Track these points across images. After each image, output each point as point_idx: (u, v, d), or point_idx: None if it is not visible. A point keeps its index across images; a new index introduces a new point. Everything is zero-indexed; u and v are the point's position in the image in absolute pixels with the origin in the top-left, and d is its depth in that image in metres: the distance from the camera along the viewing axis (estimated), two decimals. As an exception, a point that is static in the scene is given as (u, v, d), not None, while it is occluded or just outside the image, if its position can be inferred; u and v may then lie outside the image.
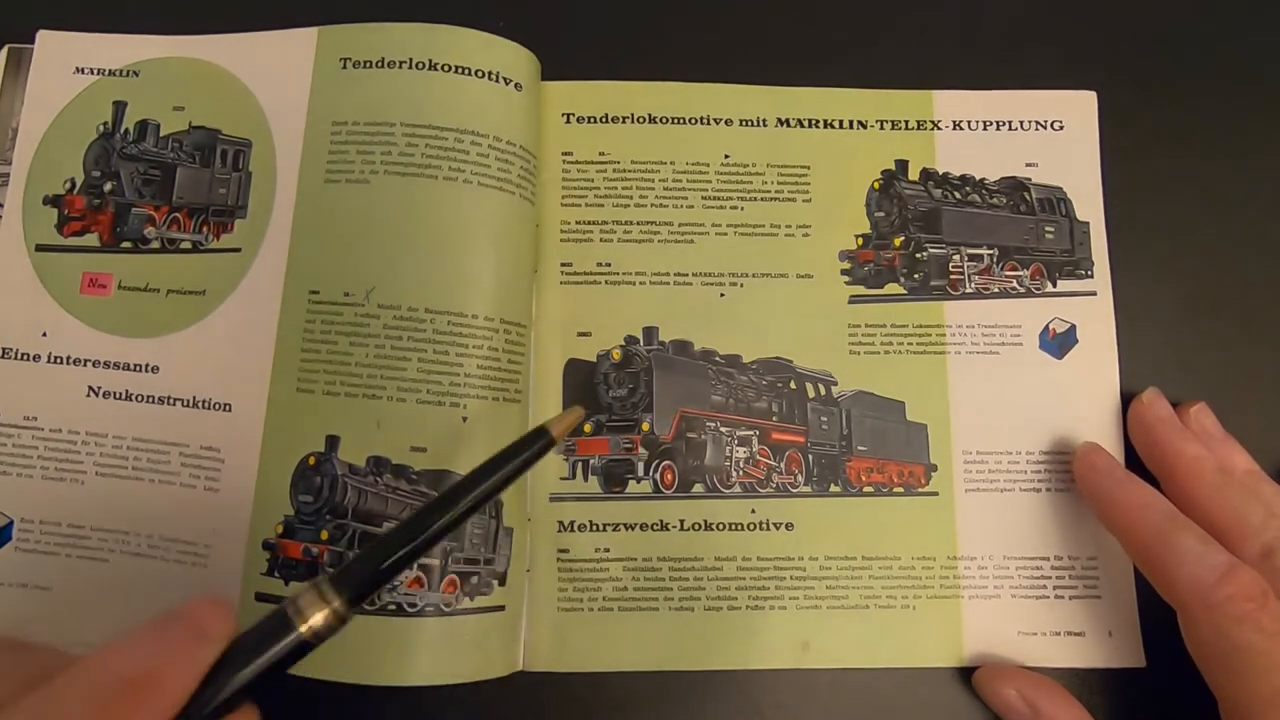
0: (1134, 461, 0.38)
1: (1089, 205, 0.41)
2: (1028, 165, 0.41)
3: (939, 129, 0.42)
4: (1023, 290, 0.40)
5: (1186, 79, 0.43)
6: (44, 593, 0.36)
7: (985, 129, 0.42)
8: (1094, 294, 0.40)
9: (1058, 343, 0.40)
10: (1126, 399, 0.39)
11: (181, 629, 0.23)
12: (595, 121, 0.41)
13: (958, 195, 0.41)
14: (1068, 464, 0.38)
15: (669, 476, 0.38)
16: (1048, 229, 0.41)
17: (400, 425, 0.35)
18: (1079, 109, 0.42)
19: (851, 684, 0.37)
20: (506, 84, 0.39)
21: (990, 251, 0.41)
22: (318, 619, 0.24)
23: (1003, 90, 0.42)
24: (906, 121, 0.42)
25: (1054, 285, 0.40)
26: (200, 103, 0.40)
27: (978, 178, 0.41)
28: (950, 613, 0.37)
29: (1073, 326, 0.40)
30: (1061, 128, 0.42)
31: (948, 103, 0.42)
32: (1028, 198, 0.41)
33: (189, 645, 0.23)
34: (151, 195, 0.40)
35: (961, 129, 0.42)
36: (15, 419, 0.37)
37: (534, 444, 0.28)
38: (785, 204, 0.40)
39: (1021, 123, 0.42)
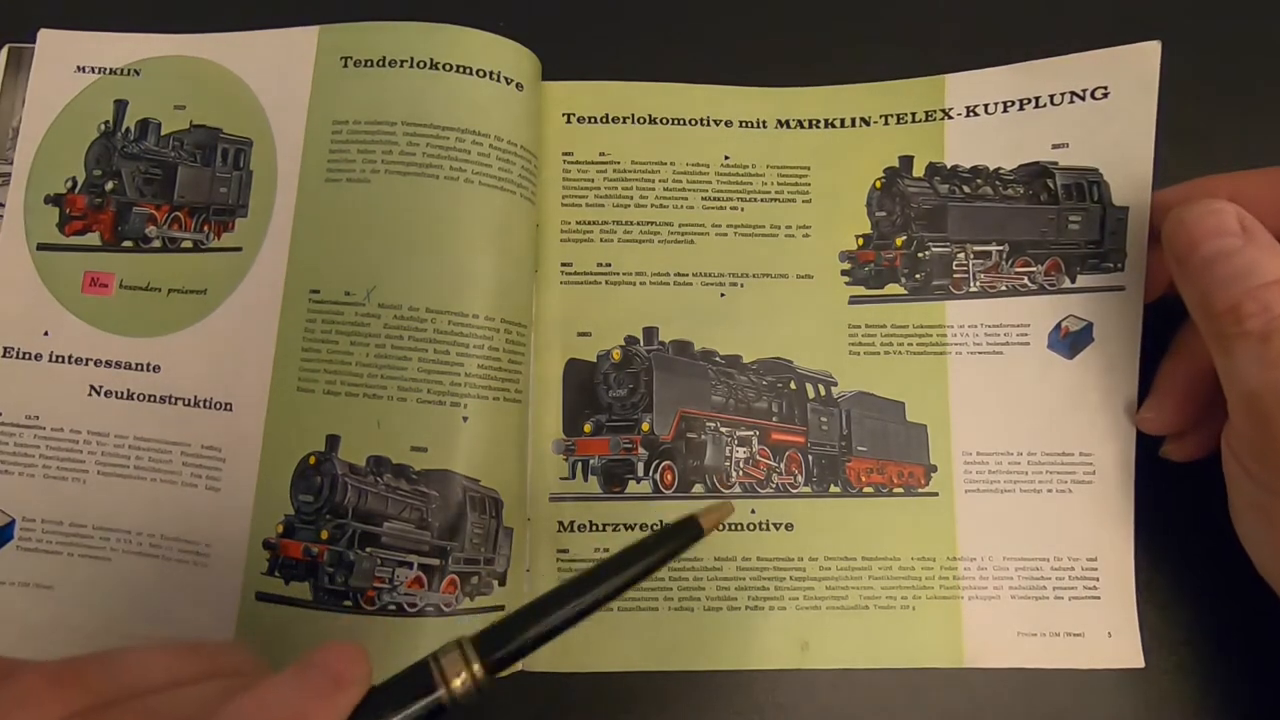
0: (1144, 475, 0.38)
1: (1130, 186, 0.38)
2: (1054, 147, 0.39)
3: (950, 118, 0.40)
4: (1035, 287, 0.39)
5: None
6: (46, 591, 0.36)
7: (1006, 110, 0.40)
8: (1121, 288, 0.38)
9: (1069, 342, 0.39)
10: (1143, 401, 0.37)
11: (320, 676, 0.23)
12: (595, 122, 0.41)
13: (967, 189, 0.40)
14: (1068, 465, 0.38)
15: (669, 476, 0.38)
16: (1072, 219, 0.39)
17: (400, 425, 0.36)
18: (1134, 67, 0.38)
19: (851, 684, 0.37)
20: (507, 84, 0.39)
21: (1000, 248, 0.40)
22: (458, 684, 0.24)
23: (1032, 61, 0.39)
24: (913, 114, 0.41)
25: (1072, 281, 0.39)
26: (201, 101, 0.40)
27: (991, 168, 0.40)
28: (950, 613, 0.37)
29: (1089, 325, 0.38)
30: (1106, 95, 0.38)
31: (962, 86, 0.40)
32: (1050, 185, 0.39)
33: (329, 692, 0.23)
34: (153, 194, 0.40)
35: (976, 114, 0.40)
36: (17, 418, 0.38)
37: (683, 534, 0.28)
38: (785, 205, 0.40)
39: (1052, 97, 0.39)
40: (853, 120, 0.41)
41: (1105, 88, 0.39)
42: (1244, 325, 0.30)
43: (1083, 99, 0.39)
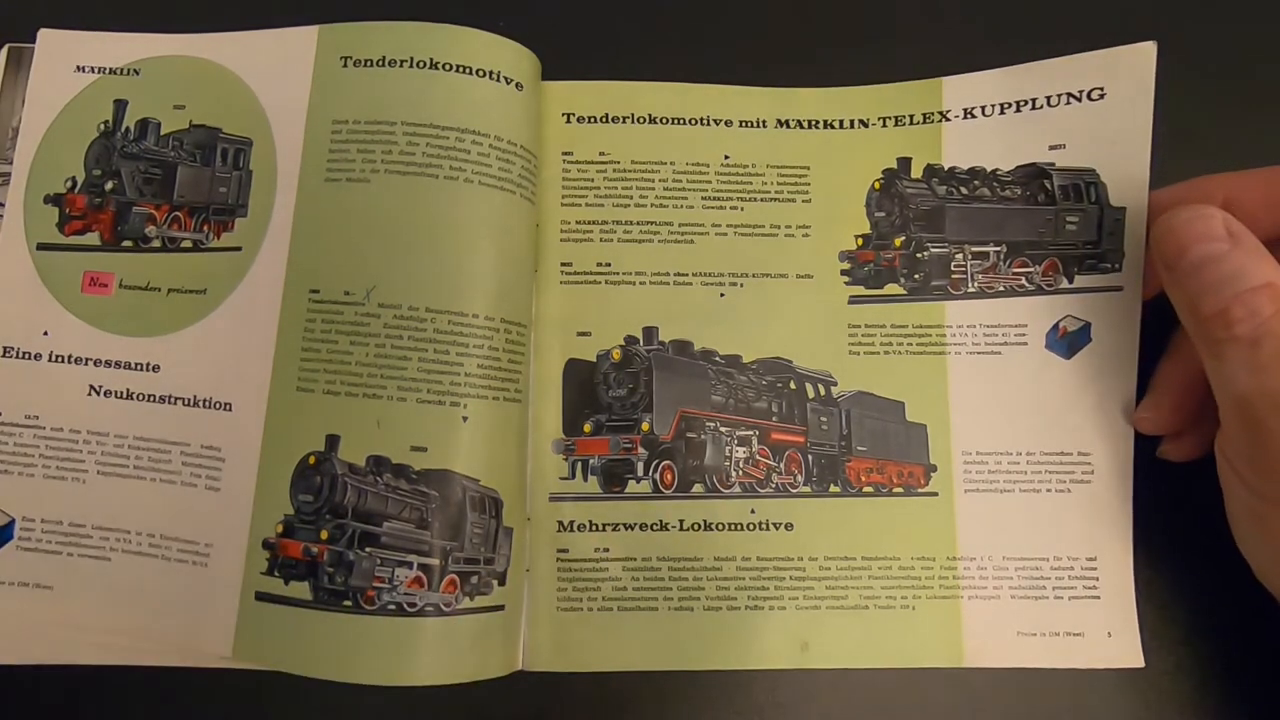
0: (1143, 475, 0.38)
1: (1128, 187, 0.38)
2: (1051, 148, 0.39)
3: (947, 120, 0.41)
4: (1032, 288, 0.39)
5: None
6: (46, 591, 0.36)
7: (1003, 112, 0.40)
8: (1119, 289, 0.38)
9: (1067, 342, 0.39)
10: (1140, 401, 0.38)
11: None
12: (595, 121, 0.41)
13: (964, 190, 0.40)
14: (1067, 465, 0.38)
15: (669, 476, 0.38)
16: (1070, 219, 0.39)
17: (400, 424, 0.35)
18: (1130, 68, 0.38)
19: (851, 684, 0.37)
20: (507, 83, 0.39)
21: (997, 249, 0.40)
22: None
23: (1028, 63, 0.40)
24: (911, 116, 0.41)
25: (1070, 281, 0.39)
26: (201, 101, 0.40)
27: (989, 169, 0.40)
28: (949, 613, 0.37)
29: (1086, 325, 0.38)
30: (1102, 95, 0.39)
31: (959, 89, 0.41)
32: (1048, 186, 0.39)
33: None
34: (152, 194, 0.40)
35: (974, 116, 0.40)
36: (17, 418, 0.37)
37: None
38: (785, 204, 0.40)
39: (1049, 98, 0.39)
40: (851, 122, 0.41)
41: (1101, 89, 0.39)
42: (1232, 330, 0.30)
43: (1079, 100, 0.39)
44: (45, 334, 0.38)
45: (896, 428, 0.39)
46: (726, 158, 0.41)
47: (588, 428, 0.39)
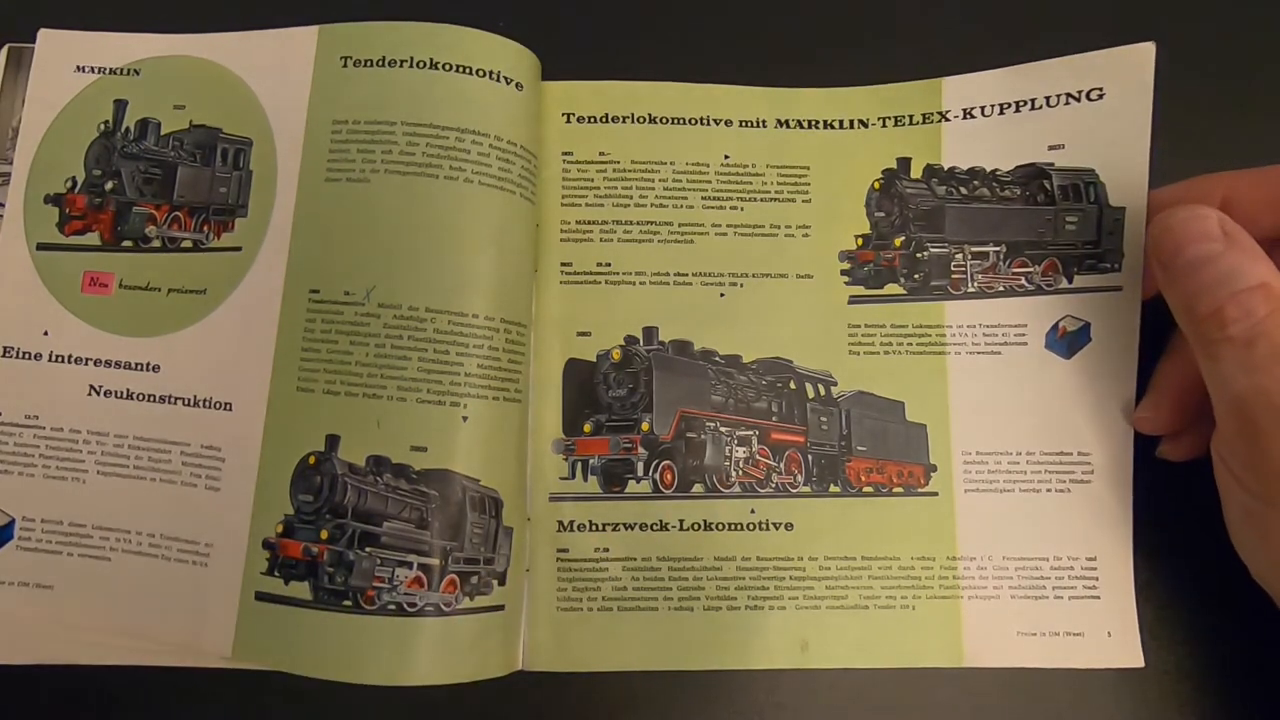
0: (1143, 475, 0.38)
1: (1127, 187, 0.38)
2: (1050, 149, 0.39)
3: (947, 120, 0.41)
4: (1032, 288, 0.39)
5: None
6: (46, 591, 0.36)
7: (1002, 112, 0.40)
8: (1119, 289, 0.38)
9: (1066, 342, 0.39)
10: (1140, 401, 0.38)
11: None
12: (595, 121, 0.41)
13: (964, 190, 0.40)
14: (1067, 465, 0.38)
15: (668, 476, 0.38)
16: (1069, 219, 0.39)
17: (400, 424, 0.35)
18: (1129, 68, 0.38)
19: (851, 684, 0.37)
20: (507, 83, 0.39)
21: (997, 249, 0.40)
22: None
23: (1028, 64, 0.40)
24: (911, 116, 0.41)
25: (1069, 281, 0.39)
26: (201, 101, 0.40)
27: (989, 169, 0.40)
28: (949, 613, 0.37)
29: (1086, 325, 0.38)
30: (1101, 96, 0.39)
31: (958, 89, 0.41)
32: (1047, 186, 0.39)
33: None
34: (152, 194, 0.40)
35: (973, 116, 0.40)
36: (17, 418, 0.37)
37: None
38: (785, 204, 0.40)
39: (1048, 99, 0.39)
40: (851, 122, 0.41)
41: (1100, 89, 0.39)
42: (1227, 330, 0.30)
43: (1078, 100, 0.39)
44: (45, 334, 0.38)
45: (896, 428, 0.39)
46: (726, 158, 0.41)
47: (588, 428, 0.39)
